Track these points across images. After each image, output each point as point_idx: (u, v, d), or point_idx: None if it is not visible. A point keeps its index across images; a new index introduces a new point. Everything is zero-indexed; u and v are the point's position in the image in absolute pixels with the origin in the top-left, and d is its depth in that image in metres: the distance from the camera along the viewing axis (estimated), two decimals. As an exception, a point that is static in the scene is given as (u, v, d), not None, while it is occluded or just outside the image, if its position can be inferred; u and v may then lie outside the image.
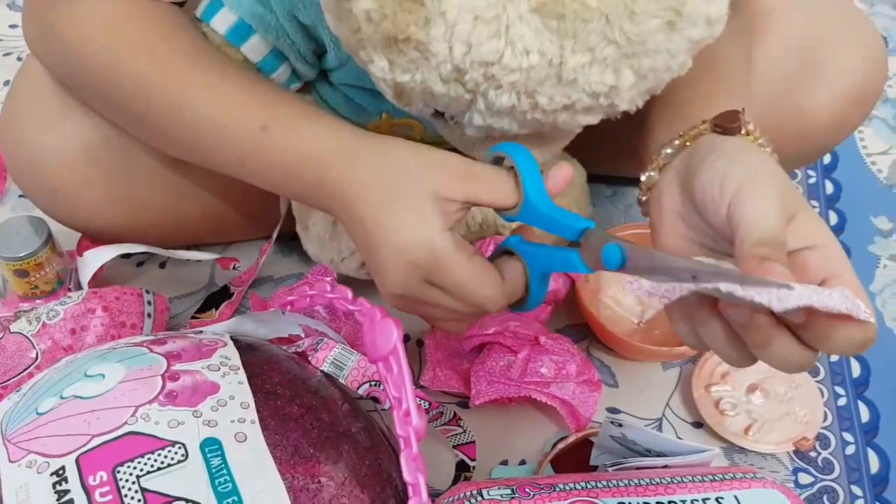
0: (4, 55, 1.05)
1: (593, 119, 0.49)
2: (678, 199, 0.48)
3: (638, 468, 0.55)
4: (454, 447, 0.67)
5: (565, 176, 0.51)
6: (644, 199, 0.52)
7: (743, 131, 0.48)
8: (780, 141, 0.71)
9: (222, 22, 0.59)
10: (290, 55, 0.61)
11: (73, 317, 0.63)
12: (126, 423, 0.42)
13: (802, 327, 0.38)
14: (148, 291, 0.69)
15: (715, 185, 0.43)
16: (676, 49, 0.45)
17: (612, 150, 0.69)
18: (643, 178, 0.52)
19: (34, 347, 0.62)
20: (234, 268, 0.80)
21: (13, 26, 1.09)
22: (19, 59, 1.04)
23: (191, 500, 0.40)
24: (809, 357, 0.39)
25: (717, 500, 0.49)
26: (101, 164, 0.67)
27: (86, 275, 0.71)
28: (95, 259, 0.71)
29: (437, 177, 0.49)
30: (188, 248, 0.83)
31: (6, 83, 0.99)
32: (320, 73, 0.65)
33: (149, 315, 0.69)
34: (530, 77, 0.45)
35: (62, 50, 0.57)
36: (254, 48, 0.60)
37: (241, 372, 0.47)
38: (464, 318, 0.54)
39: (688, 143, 0.49)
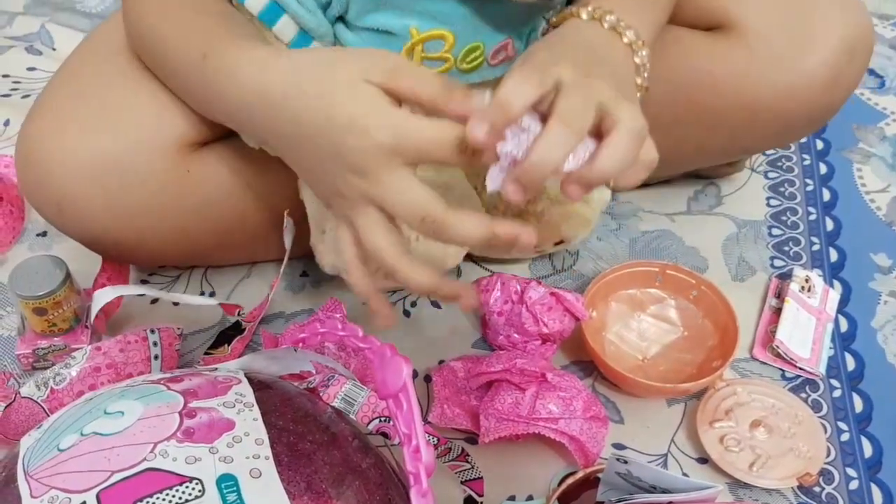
0: (23, 97, 1.07)
1: None
2: None
3: (643, 504, 0.56)
4: (462, 483, 0.68)
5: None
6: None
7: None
8: (780, 102, 0.76)
9: None
10: (288, 5, 0.63)
11: (79, 379, 0.65)
12: (145, 459, 0.43)
13: None
14: (153, 331, 0.70)
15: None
16: None
17: None
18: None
19: (46, 414, 0.63)
20: (238, 314, 0.81)
21: (31, 69, 1.12)
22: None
23: (208, 535, 0.41)
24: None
25: (721, 535, 0.50)
26: (103, 178, 0.68)
27: (93, 312, 0.73)
28: (103, 297, 0.73)
29: (363, 60, 0.53)
30: (204, 269, 0.87)
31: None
32: (338, 20, 0.66)
33: (156, 357, 0.70)
34: None
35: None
36: None
37: (256, 409, 0.49)
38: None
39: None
